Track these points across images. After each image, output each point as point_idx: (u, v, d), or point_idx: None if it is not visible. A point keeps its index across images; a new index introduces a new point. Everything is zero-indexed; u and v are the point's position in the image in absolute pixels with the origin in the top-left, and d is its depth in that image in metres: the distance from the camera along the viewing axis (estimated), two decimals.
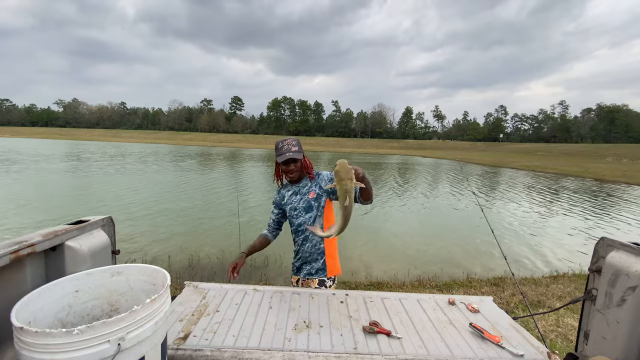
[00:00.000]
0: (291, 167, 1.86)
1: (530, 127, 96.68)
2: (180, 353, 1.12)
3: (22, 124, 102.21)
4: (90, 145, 37.67)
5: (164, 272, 0.95)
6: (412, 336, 1.31)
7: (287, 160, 1.84)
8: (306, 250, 1.95)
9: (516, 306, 3.01)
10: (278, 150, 1.87)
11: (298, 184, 1.97)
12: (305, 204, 1.92)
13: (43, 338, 0.64)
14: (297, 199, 1.94)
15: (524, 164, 28.33)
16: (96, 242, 1.06)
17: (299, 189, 1.96)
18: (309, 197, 1.91)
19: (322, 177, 1.96)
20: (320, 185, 1.93)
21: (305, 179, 1.96)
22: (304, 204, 1.93)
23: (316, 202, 1.92)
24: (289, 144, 1.87)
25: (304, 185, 1.95)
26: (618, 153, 41.11)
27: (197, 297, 1.56)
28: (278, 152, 1.86)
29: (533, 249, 5.44)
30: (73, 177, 11.83)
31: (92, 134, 77.97)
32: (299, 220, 1.93)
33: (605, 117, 77.37)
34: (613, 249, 1.11)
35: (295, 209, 1.95)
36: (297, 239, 1.99)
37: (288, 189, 1.99)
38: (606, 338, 1.07)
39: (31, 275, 0.90)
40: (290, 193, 1.97)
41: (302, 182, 1.96)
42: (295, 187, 1.97)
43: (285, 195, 1.99)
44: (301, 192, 1.95)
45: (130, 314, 0.72)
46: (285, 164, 1.85)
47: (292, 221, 1.98)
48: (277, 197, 2.04)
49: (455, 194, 11.23)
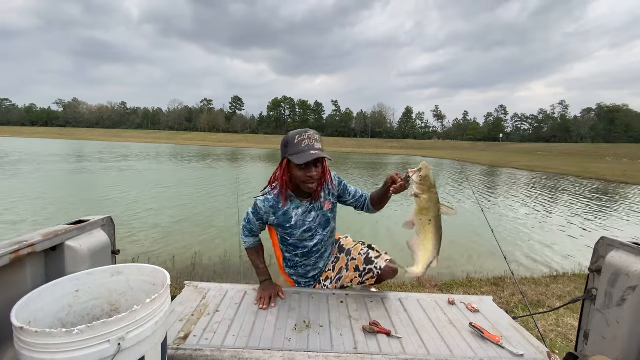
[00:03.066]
0: (314, 172, 1.37)
1: (530, 127, 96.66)
2: (180, 353, 1.12)
3: (22, 123, 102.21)
4: (96, 145, 37.66)
5: (164, 272, 0.95)
6: (412, 336, 1.31)
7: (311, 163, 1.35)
8: (317, 266, 1.70)
9: (516, 306, 3.01)
10: (293, 146, 1.35)
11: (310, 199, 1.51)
12: (323, 220, 1.57)
13: (43, 338, 0.64)
14: (312, 216, 1.53)
15: (524, 164, 28.32)
16: (96, 242, 1.06)
17: (314, 204, 1.52)
18: (326, 210, 1.56)
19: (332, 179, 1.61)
20: (330, 190, 1.59)
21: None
22: (322, 220, 1.56)
23: (332, 213, 1.62)
24: (311, 138, 1.36)
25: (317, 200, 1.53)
26: (618, 153, 41.10)
27: (197, 297, 1.56)
28: (294, 149, 1.34)
29: (533, 248, 5.45)
30: (94, 176, 11.84)
31: (92, 133, 77.98)
32: (315, 240, 1.59)
33: (605, 117, 77.37)
34: (613, 248, 1.11)
35: (310, 230, 1.55)
36: (306, 260, 1.64)
37: (296, 205, 1.50)
38: (606, 338, 1.07)
39: (31, 275, 0.90)
40: (300, 211, 1.51)
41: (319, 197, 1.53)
42: (307, 202, 1.51)
43: (291, 215, 1.50)
44: (316, 208, 1.53)
45: (130, 314, 0.72)
46: (307, 167, 1.36)
47: (301, 244, 1.59)
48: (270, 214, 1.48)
49: (455, 194, 11.23)
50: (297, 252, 1.62)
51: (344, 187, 1.66)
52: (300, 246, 1.60)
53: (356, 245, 1.74)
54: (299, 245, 1.59)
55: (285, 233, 1.57)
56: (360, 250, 1.70)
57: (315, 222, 1.55)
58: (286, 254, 1.69)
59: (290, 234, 1.55)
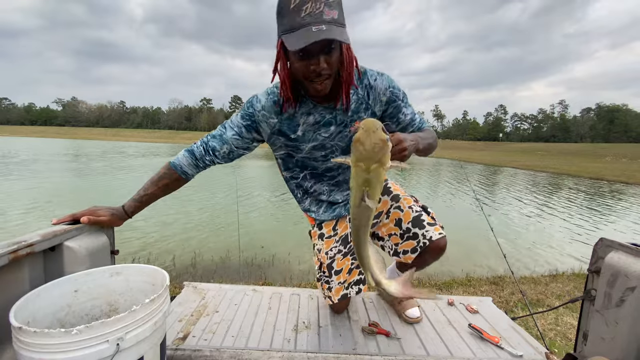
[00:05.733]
0: (322, 64, 0.87)
1: (529, 127, 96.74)
2: (179, 353, 1.12)
3: (22, 122, 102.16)
4: (97, 145, 37.60)
5: (163, 272, 0.95)
6: (411, 337, 1.31)
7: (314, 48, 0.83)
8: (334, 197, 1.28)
9: (515, 305, 3.01)
10: (288, 14, 0.84)
11: (327, 104, 1.04)
12: (346, 142, 1.10)
13: (42, 338, 0.64)
14: (331, 131, 1.08)
15: (523, 164, 28.34)
16: (95, 242, 1.06)
17: (334, 113, 1.05)
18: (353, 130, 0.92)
19: (370, 81, 1.06)
20: (371, 98, 1.07)
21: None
22: (346, 140, 1.10)
23: None
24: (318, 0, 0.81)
25: (341, 109, 1.05)
26: (617, 152, 41.14)
27: (196, 298, 1.56)
28: (288, 22, 0.84)
29: (532, 247, 5.45)
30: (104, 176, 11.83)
31: (91, 132, 77.92)
32: (329, 164, 1.18)
33: (605, 117, 77.47)
34: (612, 249, 1.11)
35: (324, 148, 1.11)
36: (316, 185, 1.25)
37: (307, 109, 1.05)
38: (605, 339, 1.07)
39: (30, 275, 0.89)
40: (312, 120, 1.06)
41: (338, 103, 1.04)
42: (326, 107, 1.05)
43: (298, 122, 1.07)
44: (339, 120, 1.07)
45: (129, 314, 0.72)
46: (308, 55, 0.87)
47: (310, 163, 1.18)
48: (272, 115, 1.05)
49: (454, 193, 11.23)
50: (306, 174, 1.23)
51: (397, 109, 1.12)
52: (309, 165, 1.19)
53: (407, 198, 1.33)
54: (307, 164, 1.19)
55: (290, 146, 1.13)
56: (412, 204, 1.30)
57: (333, 140, 1.09)
58: (292, 183, 1.30)
59: (295, 147, 1.13)
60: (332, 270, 1.29)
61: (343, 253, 1.31)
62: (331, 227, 1.34)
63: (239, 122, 1.08)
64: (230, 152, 1.12)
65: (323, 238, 1.34)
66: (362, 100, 1.07)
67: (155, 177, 1.11)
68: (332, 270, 1.29)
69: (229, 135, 1.09)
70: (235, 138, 1.09)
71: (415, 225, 1.25)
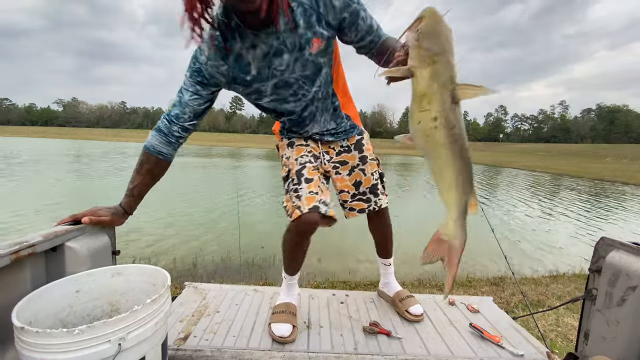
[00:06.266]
0: None
1: (530, 127, 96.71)
2: (180, 353, 1.12)
3: (22, 123, 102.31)
4: (98, 145, 37.66)
5: (164, 272, 0.95)
6: (412, 336, 1.31)
7: None
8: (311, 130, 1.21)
9: (516, 305, 3.01)
10: None
11: (268, 29, 0.89)
12: (310, 68, 0.98)
13: (44, 338, 0.64)
14: (285, 61, 0.94)
15: (524, 164, 28.33)
16: (96, 243, 1.06)
17: (281, 37, 0.90)
18: (314, 50, 0.94)
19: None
20: (320, 14, 0.91)
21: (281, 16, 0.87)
22: (307, 68, 0.98)
23: (325, 57, 0.99)
24: None
25: (288, 29, 0.90)
26: (618, 153, 41.12)
27: (197, 298, 1.56)
28: None
29: (533, 248, 5.45)
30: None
31: (92, 133, 78.05)
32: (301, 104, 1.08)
33: (605, 118, 77.45)
34: (613, 248, 1.11)
35: (288, 85, 1.00)
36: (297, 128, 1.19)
37: (250, 41, 0.91)
38: (606, 338, 1.07)
39: (32, 275, 0.90)
40: (260, 53, 0.93)
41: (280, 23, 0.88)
42: (265, 35, 0.90)
43: (247, 60, 0.94)
44: (290, 45, 0.92)
45: (131, 314, 0.72)
46: None
47: (280, 107, 1.09)
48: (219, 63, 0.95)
49: None
50: (284, 120, 1.17)
51: (354, 15, 0.96)
52: (284, 111, 1.10)
53: (373, 162, 1.34)
54: (280, 109, 1.09)
55: (252, 93, 1.03)
56: (374, 171, 1.35)
57: (293, 72, 0.97)
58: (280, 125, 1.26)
59: (258, 92, 1.02)
60: (302, 177, 1.15)
61: (314, 166, 1.20)
62: (302, 140, 1.25)
63: (190, 81, 1.01)
64: (195, 112, 1.05)
65: (293, 146, 1.24)
66: (310, 12, 0.90)
67: (137, 166, 1.10)
68: (303, 177, 1.15)
69: (186, 98, 1.03)
70: (194, 99, 1.03)
71: (372, 192, 1.33)
